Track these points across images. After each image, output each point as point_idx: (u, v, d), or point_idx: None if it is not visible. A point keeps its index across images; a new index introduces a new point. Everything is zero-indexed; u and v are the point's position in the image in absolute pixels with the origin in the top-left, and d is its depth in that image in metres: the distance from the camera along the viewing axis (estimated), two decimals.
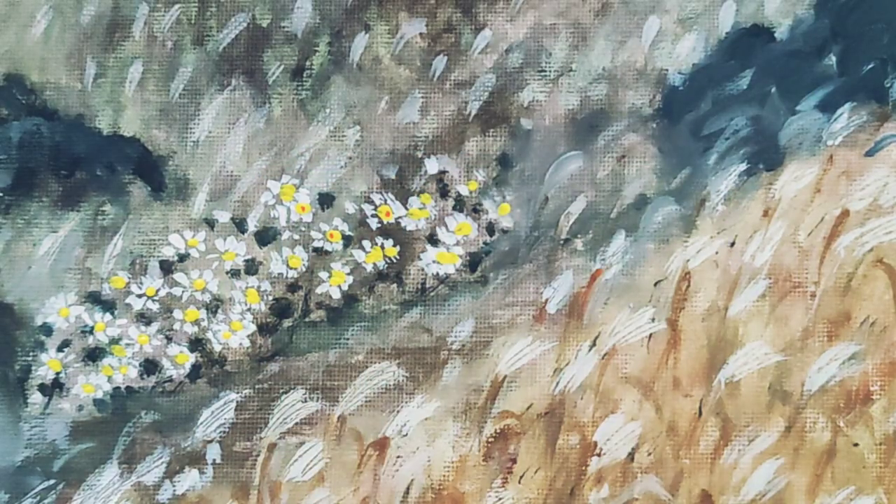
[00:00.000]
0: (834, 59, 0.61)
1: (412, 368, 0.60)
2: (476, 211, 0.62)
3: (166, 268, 0.62)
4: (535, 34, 0.62)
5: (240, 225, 0.62)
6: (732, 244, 0.60)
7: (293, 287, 0.62)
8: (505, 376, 0.60)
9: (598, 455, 0.59)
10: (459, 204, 0.62)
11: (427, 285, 0.61)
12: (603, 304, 0.60)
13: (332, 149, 0.62)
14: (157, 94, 0.62)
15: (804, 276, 0.60)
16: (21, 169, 0.62)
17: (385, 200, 0.62)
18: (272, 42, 0.62)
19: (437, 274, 0.61)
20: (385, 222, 0.62)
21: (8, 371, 0.61)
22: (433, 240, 0.62)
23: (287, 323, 0.62)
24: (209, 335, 0.62)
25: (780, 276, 0.60)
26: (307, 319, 0.62)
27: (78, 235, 0.62)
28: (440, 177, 0.62)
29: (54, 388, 0.61)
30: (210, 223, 0.62)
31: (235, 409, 0.61)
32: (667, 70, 0.61)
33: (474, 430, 0.59)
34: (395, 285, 0.61)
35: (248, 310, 0.62)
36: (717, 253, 0.60)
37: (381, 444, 0.60)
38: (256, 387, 0.61)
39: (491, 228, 0.61)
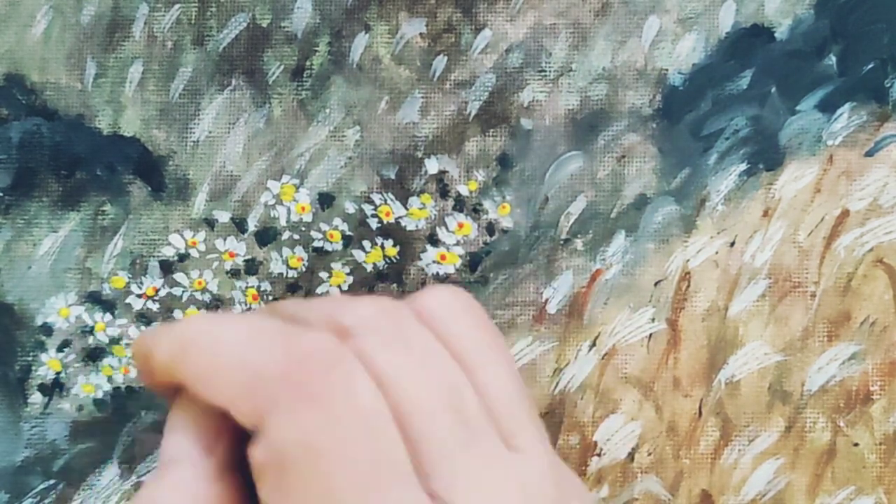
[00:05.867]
0: (834, 59, 0.61)
1: None
2: (476, 211, 0.62)
3: (166, 268, 0.62)
4: (535, 34, 0.62)
5: (240, 225, 0.62)
6: (732, 244, 0.60)
7: (293, 287, 0.62)
8: None
9: (598, 455, 0.59)
10: (459, 204, 0.62)
11: (427, 285, 0.61)
12: (603, 304, 0.60)
13: (332, 149, 0.62)
14: (157, 94, 0.62)
15: (804, 276, 0.60)
16: (21, 169, 0.62)
17: (385, 200, 0.62)
18: (272, 42, 0.62)
19: (437, 274, 0.61)
20: (385, 222, 0.62)
21: (8, 371, 0.61)
22: (433, 240, 0.62)
23: None
24: None
25: (780, 276, 0.60)
26: None
27: (78, 235, 0.62)
28: (440, 177, 0.62)
29: (54, 388, 0.61)
30: (210, 223, 0.62)
31: None
32: (667, 70, 0.61)
33: None
34: (395, 285, 0.61)
35: (249, 310, 0.62)
36: (717, 253, 0.60)
37: None
38: None
39: (491, 228, 0.61)
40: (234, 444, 0.31)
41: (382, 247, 0.62)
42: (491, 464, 0.30)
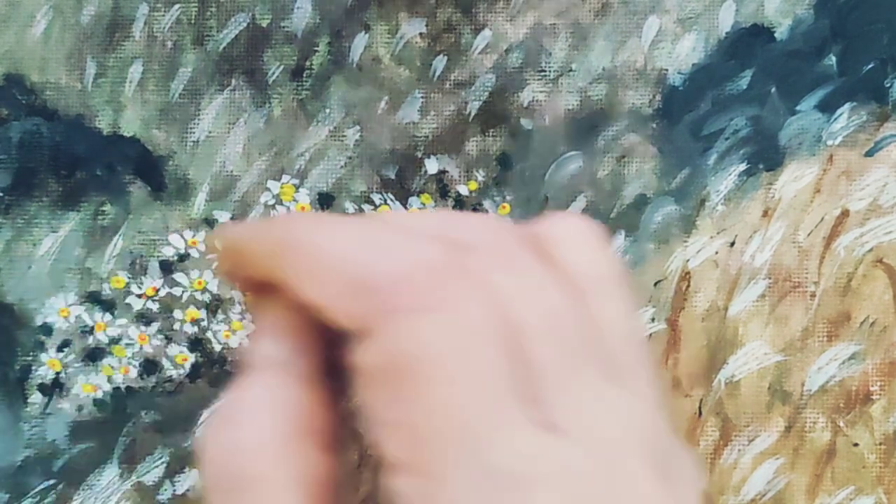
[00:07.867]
0: (834, 59, 0.61)
1: None
2: (476, 211, 0.62)
3: (166, 268, 0.62)
4: (535, 34, 0.62)
5: None
6: (732, 244, 0.60)
7: None
8: None
9: None
10: (459, 204, 0.62)
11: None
12: None
13: (332, 149, 0.62)
14: (157, 94, 0.62)
15: (804, 276, 0.60)
16: (21, 169, 0.62)
17: (385, 200, 0.62)
18: (272, 42, 0.62)
19: None
20: None
21: (8, 371, 0.61)
22: None
23: None
24: (209, 335, 0.62)
25: (780, 276, 0.60)
26: None
27: (78, 235, 0.62)
28: (440, 177, 0.62)
29: (54, 388, 0.61)
30: (210, 223, 0.62)
31: None
32: (667, 70, 0.61)
33: None
34: None
35: (246, 311, 0.62)
36: (717, 253, 0.60)
37: None
38: None
39: None
40: (322, 348, 0.30)
41: None
42: (599, 395, 0.28)
